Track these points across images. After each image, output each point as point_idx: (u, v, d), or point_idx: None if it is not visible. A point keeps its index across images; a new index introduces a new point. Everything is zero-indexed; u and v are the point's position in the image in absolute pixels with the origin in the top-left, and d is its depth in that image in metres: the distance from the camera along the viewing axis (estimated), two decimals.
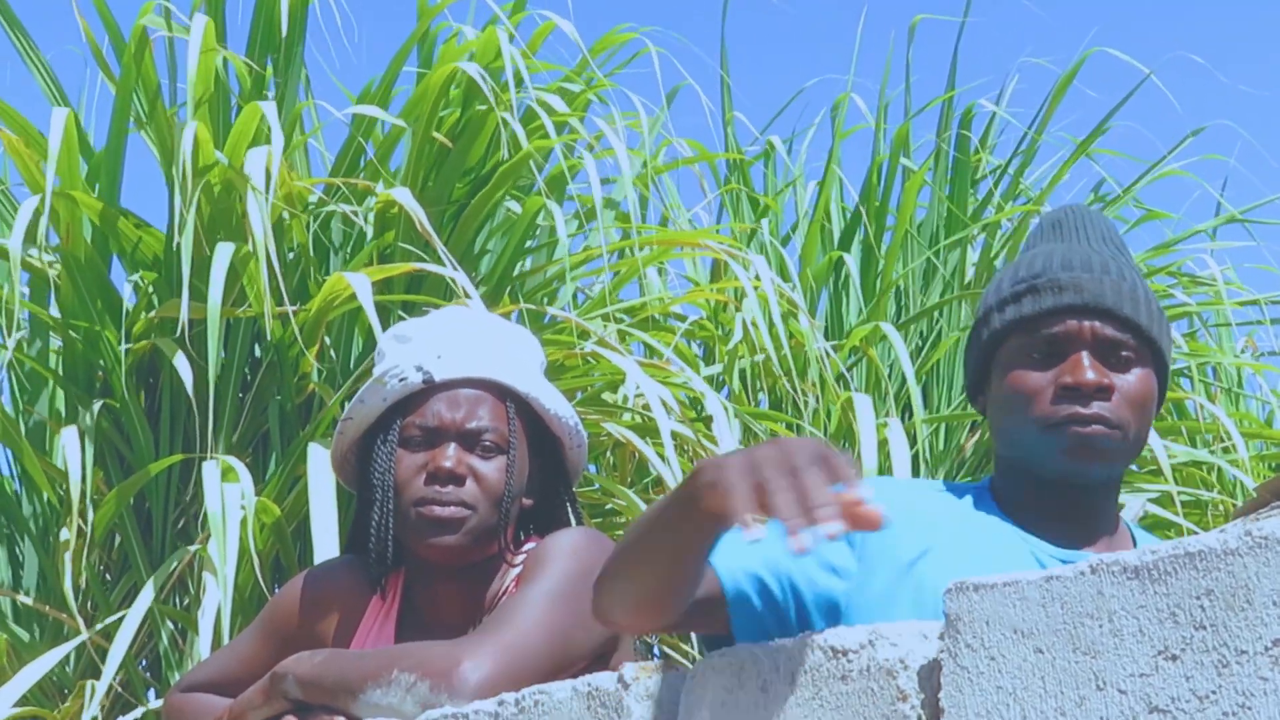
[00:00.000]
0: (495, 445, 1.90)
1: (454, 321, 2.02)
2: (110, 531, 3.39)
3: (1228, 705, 1.07)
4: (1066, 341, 1.70)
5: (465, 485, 1.88)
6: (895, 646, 1.28)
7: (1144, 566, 1.13)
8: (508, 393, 1.93)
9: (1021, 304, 1.73)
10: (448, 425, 1.90)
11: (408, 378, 1.92)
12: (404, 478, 1.89)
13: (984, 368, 1.78)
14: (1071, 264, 1.74)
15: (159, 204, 4.42)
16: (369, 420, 1.95)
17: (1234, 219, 5.10)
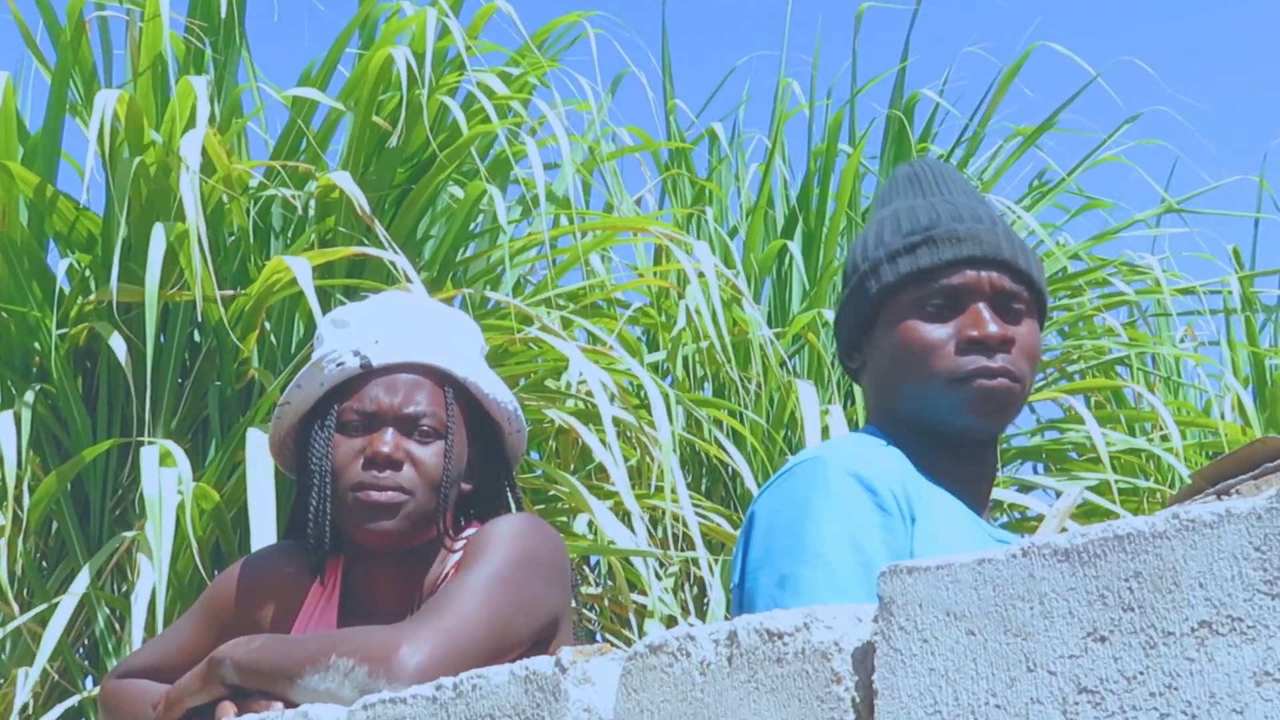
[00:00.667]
0: (433, 430, 1.89)
1: (393, 306, 2.01)
2: (47, 518, 3.36)
3: (1155, 686, 1.08)
4: (965, 294, 1.67)
5: (402, 470, 1.87)
6: (830, 629, 1.29)
7: (1074, 549, 1.14)
8: (446, 378, 1.92)
9: (918, 255, 1.68)
10: (385, 410, 1.88)
11: (345, 362, 1.91)
12: (341, 463, 1.88)
13: (866, 323, 1.72)
14: (961, 216, 1.70)
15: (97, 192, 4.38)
16: (306, 405, 1.94)
17: (1171, 209, 5.16)
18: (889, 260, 1.70)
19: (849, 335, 1.75)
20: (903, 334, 1.68)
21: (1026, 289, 1.70)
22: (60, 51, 3.49)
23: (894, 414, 1.71)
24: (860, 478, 1.63)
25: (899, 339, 1.68)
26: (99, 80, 3.57)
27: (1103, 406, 4.85)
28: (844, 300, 1.76)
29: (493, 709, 1.50)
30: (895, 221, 1.73)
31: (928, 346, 1.66)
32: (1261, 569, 1.05)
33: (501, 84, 3.67)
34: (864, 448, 1.69)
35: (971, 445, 1.67)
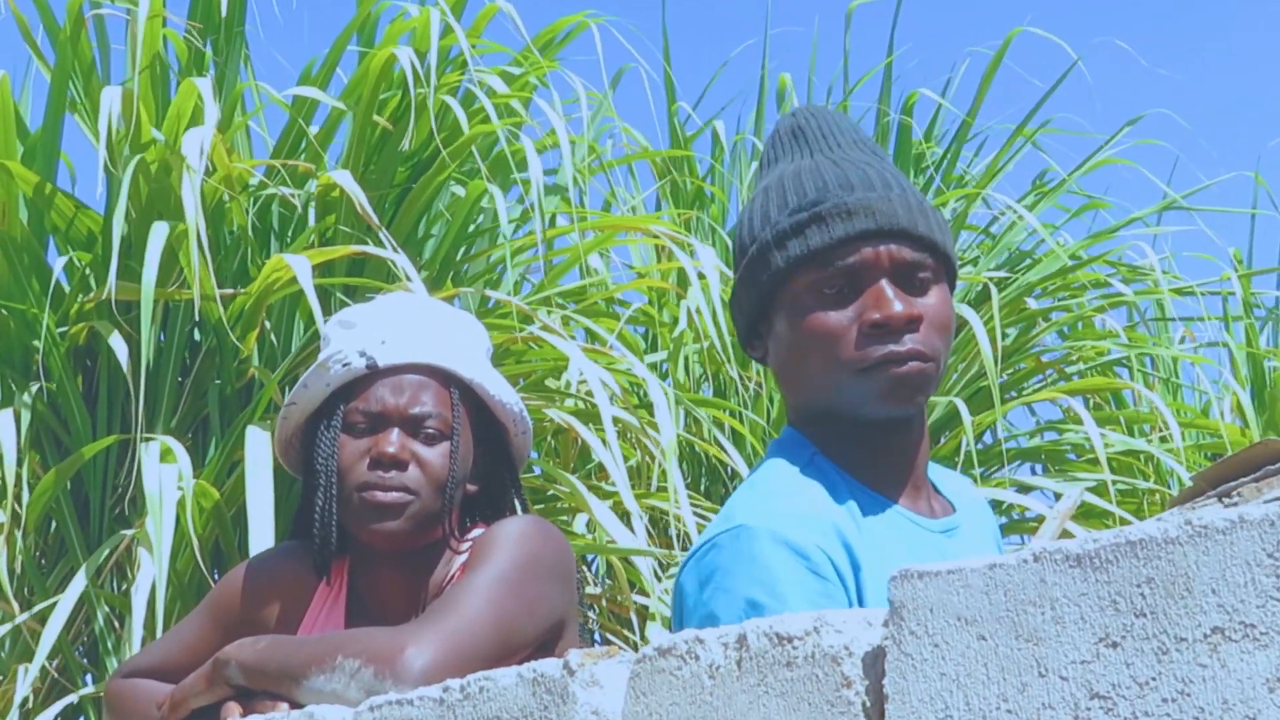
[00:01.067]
0: (439, 431, 1.88)
1: (399, 307, 2.01)
2: (47, 516, 3.36)
3: (1167, 692, 1.08)
4: (864, 271, 1.53)
5: (408, 470, 1.87)
6: (840, 633, 1.29)
7: (1086, 555, 1.14)
8: (452, 379, 1.92)
9: (807, 236, 1.54)
10: (391, 411, 1.88)
11: (351, 363, 1.90)
12: (347, 463, 1.88)
13: (763, 310, 1.59)
14: (850, 183, 1.55)
15: (94, 189, 4.38)
16: (313, 406, 1.93)
17: (1170, 205, 5.16)
18: (777, 243, 1.55)
19: (746, 321, 1.62)
20: (805, 325, 1.54)
21: (930, 255, 1.55)
22: (59, 49, 3.48)
23: (806, 408, 1.60)
24: (789, 544, 1.51)
25: (801, 329, 1.54)
26: (99, 78, 3.56)
27: (1101, 408, 4.85)
28: (736, 284, 1.63)
29: (500, 711, 1.50)
30: (781, 192, 1.58)
31: (830, 335, 1.53)
32: (1275, 575, 1.05)
33: (503, 84, 3.67)
34: (787, 500, 1.56)
35: (891, 428, 1.56)
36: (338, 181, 3.31)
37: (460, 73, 3.67)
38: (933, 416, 4.65)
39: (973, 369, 4.64)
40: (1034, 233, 5.06)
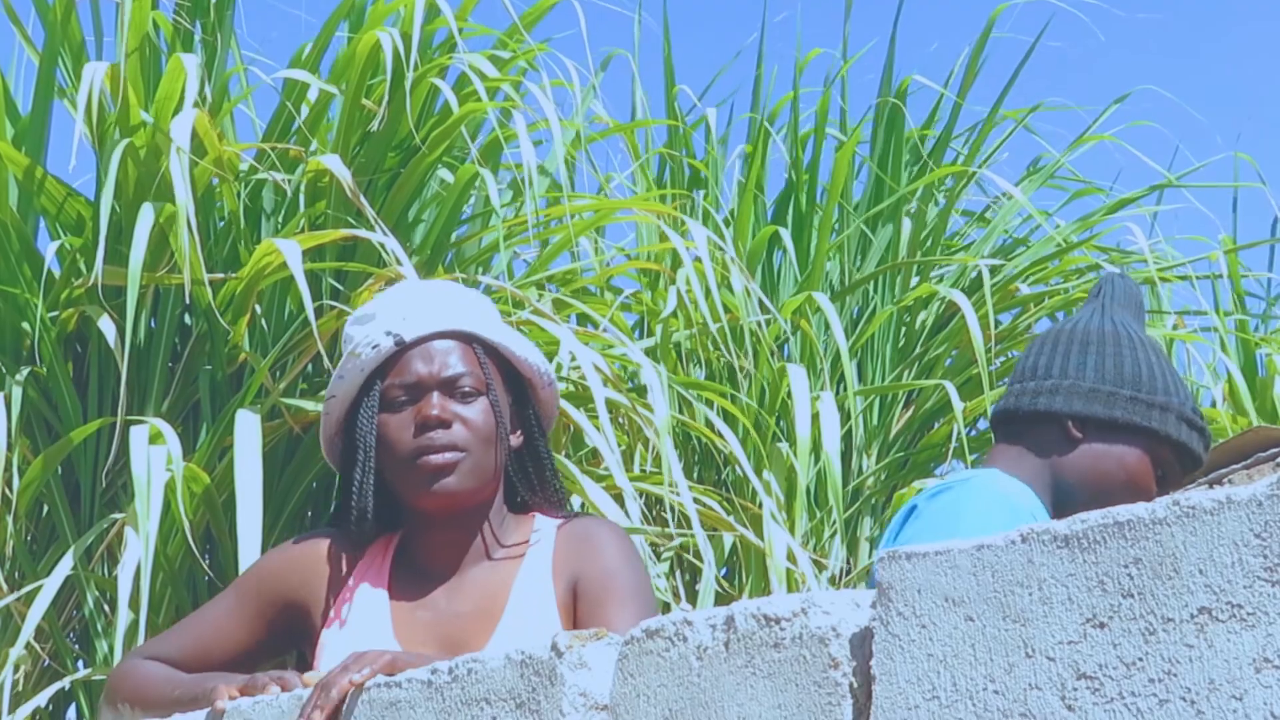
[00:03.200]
0: (474, 389, 1.96)
1: (410, 288, 2.12)
2: (38, 501, 3.35)
3: (1154, 672, 1.08)
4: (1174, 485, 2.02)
5: (453, 428, 1.93)
6: (828, 615, 1.29)
7: (1073, 535, 1.14)
8: (474, 339, 1.99)
9: (1203, 445, 2.01)
10: (426, 379, 1.96)
11: (379, 344, 1.97)
12: (395, 438, 1.95)
13: (1119, 428, 1.99)
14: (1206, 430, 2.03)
15: (87, 178, 4.37)
16: (351, 394, 2.00)
17: (1161, 187, 5.15)
18: (1187, 424, 2.00)
19: (1091, 411, 1.99)
20: (1139, 469, 1.99)
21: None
22: (48, 31, 3.47)
23: (1060, 497, 1.99)
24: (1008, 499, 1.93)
25: (1130, 471, 1.98)
26: (88, 59, 3.55)
27: None
28: (1118, 395, 2.00)
29: (488, 693, 1.50)
30: (1179, 381, 2.01)
31: (1143, 493, 1.92)
32: (1262, 556, 1.05)
33: (492, 67, 3.65)
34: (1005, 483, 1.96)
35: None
36: (327, 166, 3.30)
37: (448, 56, 3.66)
38: (925, 404, 4.65)
39: (966, 354, 4.64)
40: (1028, 218, 5.06)
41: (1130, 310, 2.09)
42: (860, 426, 4.50)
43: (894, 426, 4.66)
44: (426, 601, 1.96)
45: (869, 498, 4.48)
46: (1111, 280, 2.13)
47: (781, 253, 4.69)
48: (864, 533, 4.48)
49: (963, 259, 4.76)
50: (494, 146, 3.75)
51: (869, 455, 4.59)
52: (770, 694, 1.29)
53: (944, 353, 4.71)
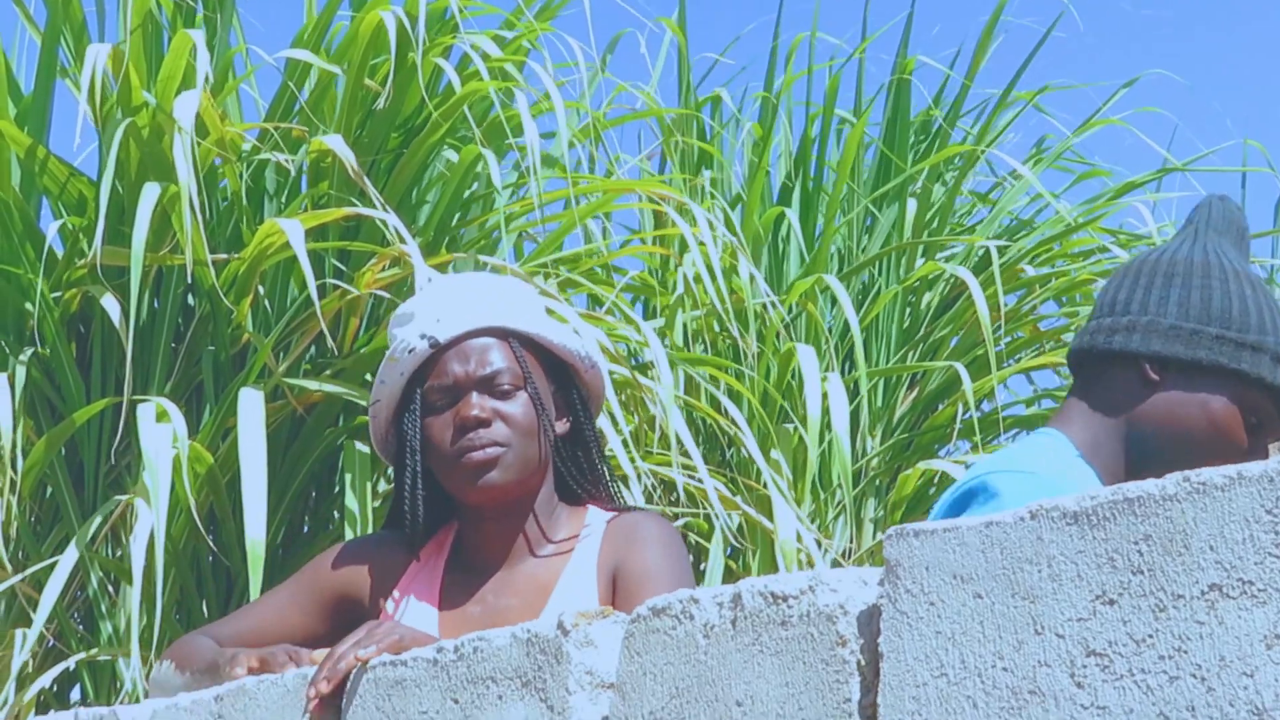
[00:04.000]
0: (513, 385, 1.98)
1: (446, 285, 2.11)
2: (42, 482, 3.35)
3: (1164, 649, 1.07)
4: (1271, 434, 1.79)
5: (493, 427, 1.95)
6: (835, 592, 1.28)
7: (1083, 512, 1.13)
8: (509, 333, 2.00)
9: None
10: (463, 379, 1.97)
11: (415, 347, 1.99)
12: (438, 439, 1.97)
13: (1202, 369, 1.76)
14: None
15: (90, 159, 4.37)
16: (394, 399, 2.02)
17: (1168, 171, 5.13)
18: (1275, 359, 1.77)
19: (1170, 352, 1.77)
20: (1225, 417, 1.76)
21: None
22: (50, 10, 3.46)
23: (1137, 453, 1.79)
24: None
25: (1215, 420, 1.76)
26: (90, 39, 3.54)
27: None
28: (1202, 334, 1.77)
29: (494, 671, 1.49)
30: (1272, 309, 1.78)
31: (1232, 444, 1.74)
32: (1273, 532, 1.04)
33: (495, 46, 3.64)
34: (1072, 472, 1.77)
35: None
36: (329, 146, 3.29)
37: (452, 36, 3.64)
38: (931, 384, 4.64)
39: (971, 336, 4.63)
40: (1036, 198, 5.04)
41: (1230, 237, 1.86)
42: (865, 408, 4.50)
43: (898, 408, 4.65)
44: (477, 597, 1.99)
45: (873, 479, 4.47)
46: (1209, 204, 1.89)
47: (786, 234, 4.68)
48: (868, 514, 4.47)
49: (969, 239, 4.75)
50: (498, 127, 3.73)
51: (873, 437, 4.58)
52: (777, 672, 1.29)
53: (949, 334, 4.70)
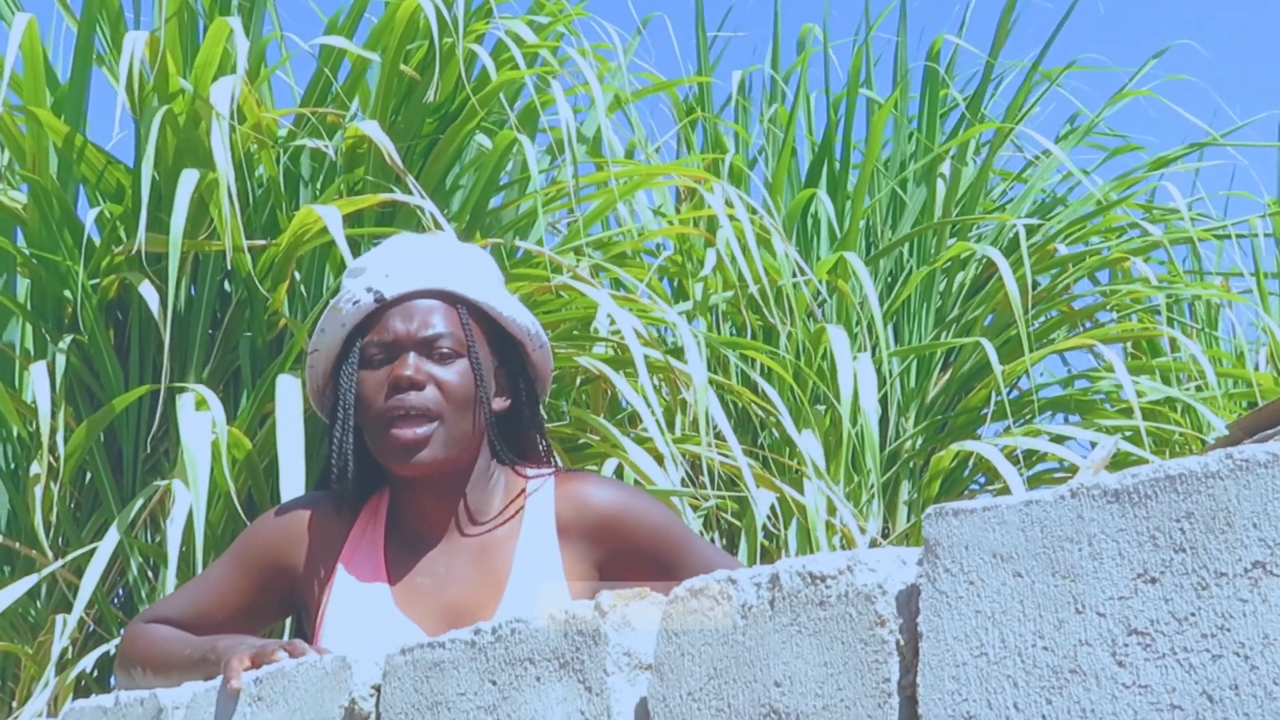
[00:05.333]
0: (453, 351, 1.92)
1: (402, 243, 2.04)
2: (81, 468, 3.37)
3: (1207, 627, 1.07)
4: None
5: (426, 390, 1.89)
6: (874, 572, 1.28)
7: (1124, 490, 1.13)
8: (458, 299, 1.95)
9: None
10: (403, 337, 1.92)
11: (360, 300, 1.94)
12: (368, 395, 1.91)
13: None
14: None
15: (125, 146, 4.39)
16: (334, 350, 1.97)
17: (1202, 145, 5.09)
18: None
19: None
20: None
21: None
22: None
23: None
24: None
25: None
26: (125, 26, 3.56)
27: (1137, 357, 4.81)
28: None
29: (531, 653, 1.50)
30: None
31: None
32: None
33: (530, 31, 3.64)
34: None
35: None
36: (365, 132, 3.30)
37: (486, 21, 3.65)
38: (963, 366, 4.63)
39: (1004, 317, 4.61)
40: (1067, 176, 5.01)
41: None
42: (898, 390, 4.49)
43: (931, 390, 4.64)
44: (423, 567, 1.94)
45: (907, 461, 4.46)
46: None
47: (814, 215, 4.67)
48: (902, 496, 4.47)
49: (999, 218, 4.73)
50: (532, 111, 3.74)
51: (907, 419, 4.57)
52: (816, 652, 1.29)
53: (981, 315, 4.68)
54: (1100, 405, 4.65)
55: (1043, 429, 4.40)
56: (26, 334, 3.55)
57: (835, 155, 4.75)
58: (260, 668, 1.75)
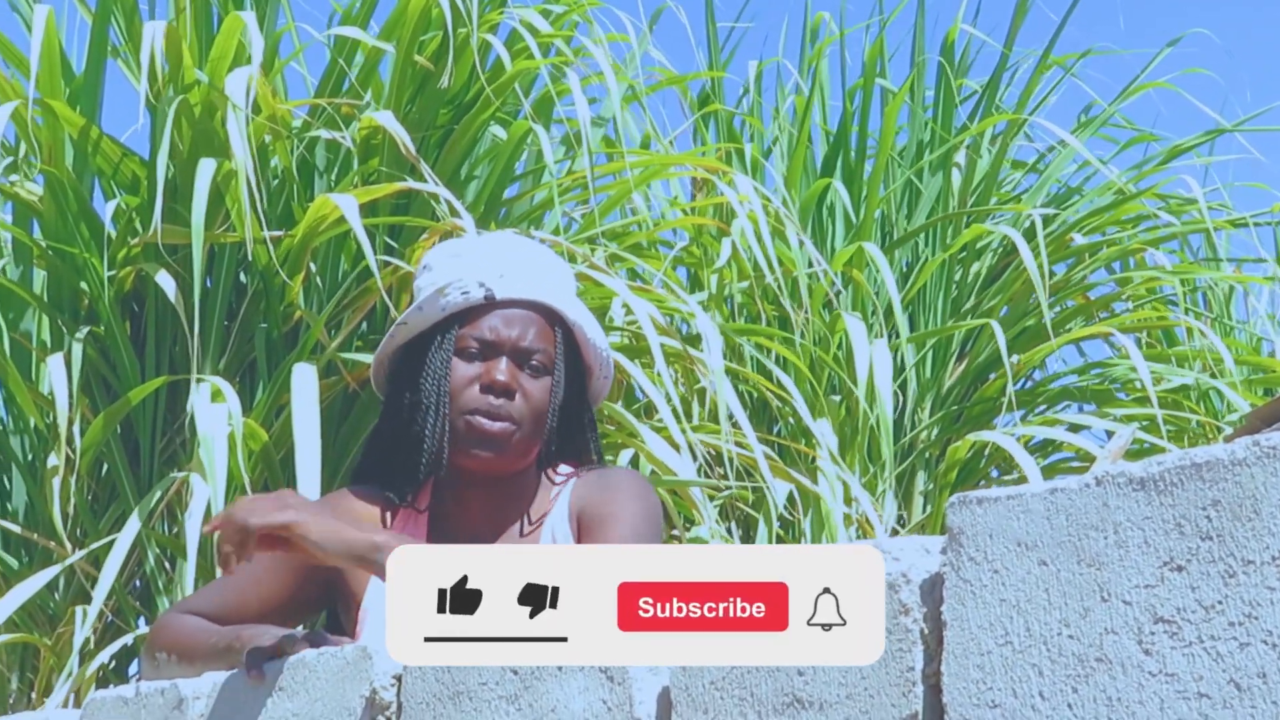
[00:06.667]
0: (542, 366, 1.99)
1: (514, 244, 2.12)
2: (98, 460, 3.38)
3: (1234, 615, 1.07)
4: None
5: (515, 400, 1.96)
6: (897, 561, 1.28)
7: (1150, 478, 1.13)
8: (557, 318, 2.02)
9: None
10: (503, 341, 1.99)
11: (470, 292, 2.00)
12: (457, 386, 1.97)
13: None
14: None
15: (140, 139, 4.40)
16: (423, 327, 2.02)
17: (1218, 133, 5.07)
18: None
19: None
20: None
21: None
22: None
23: None
24: None
25: None
26: (140, 18, 3.56)
27: (1153, 346, 4.80)
28: None
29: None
30: None
31: None
32: None
33: (544, 21, 3.64)
34: None
35: None
36: (380, 123, 3.30)
37: (500, 11, 3.64)
38: (979, 356, 4.62)
39: (1020, 307, 4.60)
40: (1084, 165, 4.99)
41: None
42: (914, 380, 4.48)
43: (947, 380, 4.63)
44: None
45: (923, 451, 4.46)
46: None
47: (830, 205, 4.66)
48: (918, 487, 4.46)
49: (1015, 208, 4.72)
50: (546, 102, 3.73)
51: (922, 409, 4.56)
52: None
53: (997, 305, 4.67)
54: (1115, 394, 4.64)
55: (1060, 419, 4.39)
56: (43, 325, 3.55)
57: (850, 145, 4.74)
58: (281, 658, 1.75)
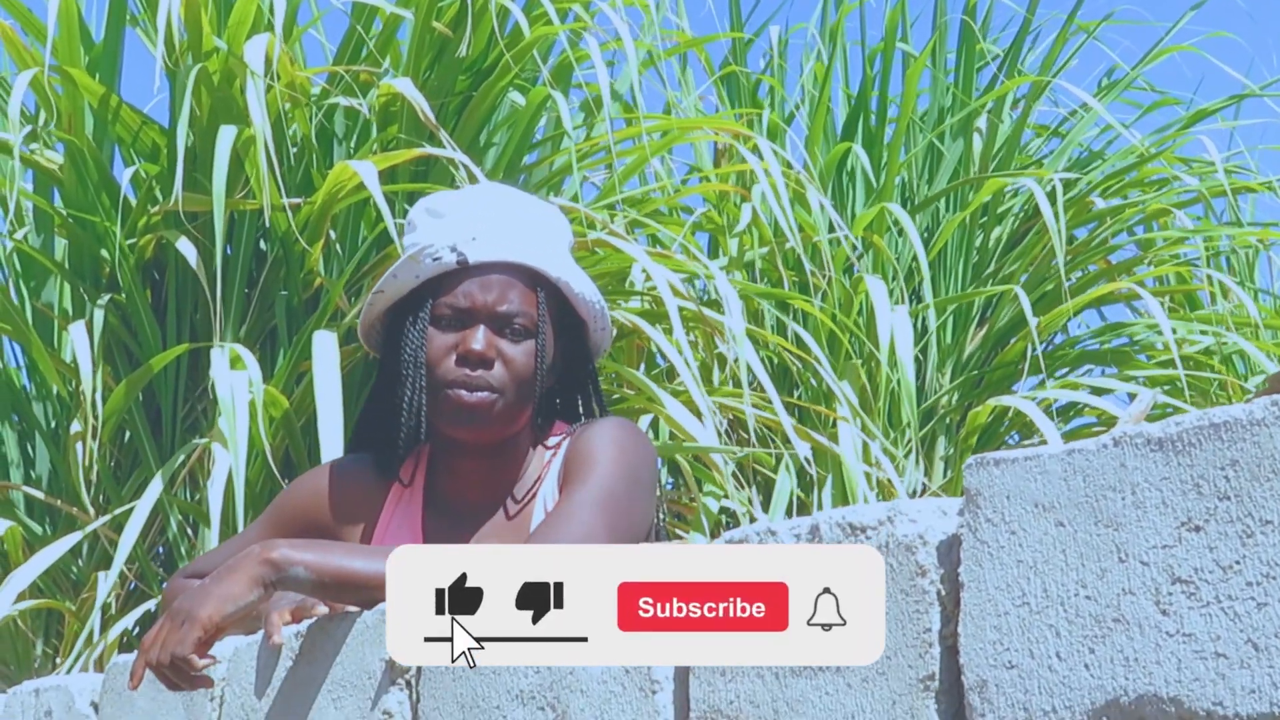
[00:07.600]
0: (524, 329, 1.92)
1: (489, 200, 2.03)
2: (120, 427, 3.40)
3: (1252, 575, 1.06)
4: None
5: (494, 369, 1.91)
6: (914, 523, 1.28)
7: (1168, 438, 1.12)
8: (538, 277, 1.95)
9: None
10: (479, 307, 1.92)
11: (442, 257, 1.94)
12: (434, 357, 1.92)
13: None
14: None
15: (159, 108, 4.40)
16: (400, 295, 1.97)
17: (1240, 98, 5.03)
18: None
19: None
20: None
21: None
22: None
23: None
24: None
25: None
26: None
27: (1175, 311, 4.78)
28: None
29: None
30: None
31: None
32: None
33: None
34: None
35: None
36: (399, 89, 3.30)
37: None
38: (1000, 321, 4.61)
39: (1040, 271, 4.58)
40: (1106, 129, 4.96)
41: None
42: (935, 345, 4.47)
43: (968, 345, 4.62)
44: (458, 534, 1.95)
45: (943, 417, 4.45)
46: None
47: (850, 170, 4.64)
48: (939, 452, 4.46)
49: (1037, 173, 4.70)
50: (565, 68, 3.72)
51: (943, 374, 4.55)
52: None
53: (1018, 270, 4.65)
54: (1136, 357, 4.63)
55: (1081, 383, 4.38)
56: (65, 294, 3.57)
57: (871, 109, 4.72)
58: (301, 622, 1.76)
